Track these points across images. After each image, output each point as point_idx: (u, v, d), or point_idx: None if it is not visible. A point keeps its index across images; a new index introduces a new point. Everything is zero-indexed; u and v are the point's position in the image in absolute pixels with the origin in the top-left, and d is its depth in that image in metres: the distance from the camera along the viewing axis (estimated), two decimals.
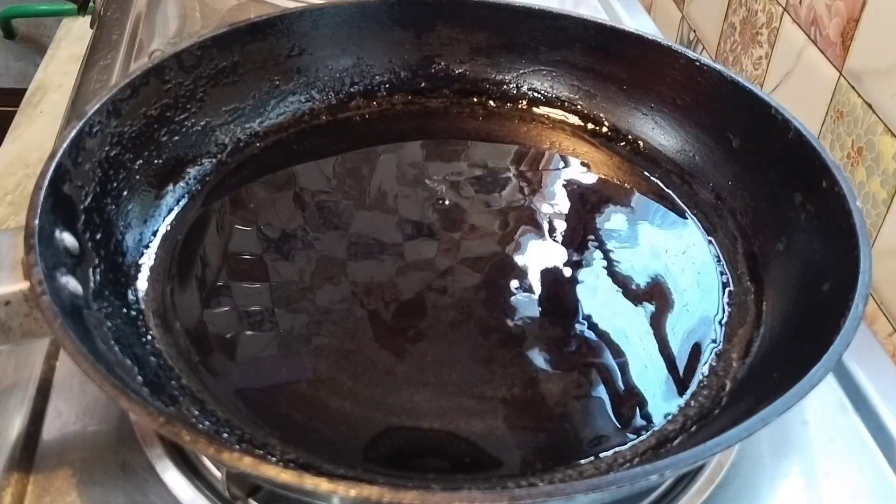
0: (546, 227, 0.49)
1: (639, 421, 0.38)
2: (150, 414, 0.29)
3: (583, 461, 0.36)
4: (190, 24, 0.74)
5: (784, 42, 0.66)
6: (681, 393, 0.40)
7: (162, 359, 0.39)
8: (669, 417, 0.39)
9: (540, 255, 0.47)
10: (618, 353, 0.42)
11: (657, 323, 0.43)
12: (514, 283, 0.45)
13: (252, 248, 0.46)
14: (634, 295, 0.45)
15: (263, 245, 0.46)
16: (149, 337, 0.40)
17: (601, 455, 0.37)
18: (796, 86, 0.65)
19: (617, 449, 0.37)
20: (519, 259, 0.47)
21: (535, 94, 0.58)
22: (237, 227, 0.47)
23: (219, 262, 0.45)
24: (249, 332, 0.41)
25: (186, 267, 0.44)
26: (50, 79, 0.89)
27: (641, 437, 0.38)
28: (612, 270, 0.46)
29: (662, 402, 0.39)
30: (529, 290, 0.45)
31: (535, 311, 0.43)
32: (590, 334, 0.42)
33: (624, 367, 0.41)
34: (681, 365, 0.41)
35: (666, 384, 0.40)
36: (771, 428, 0.32)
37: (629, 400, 0.39)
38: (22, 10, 1.33)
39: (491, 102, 0.58)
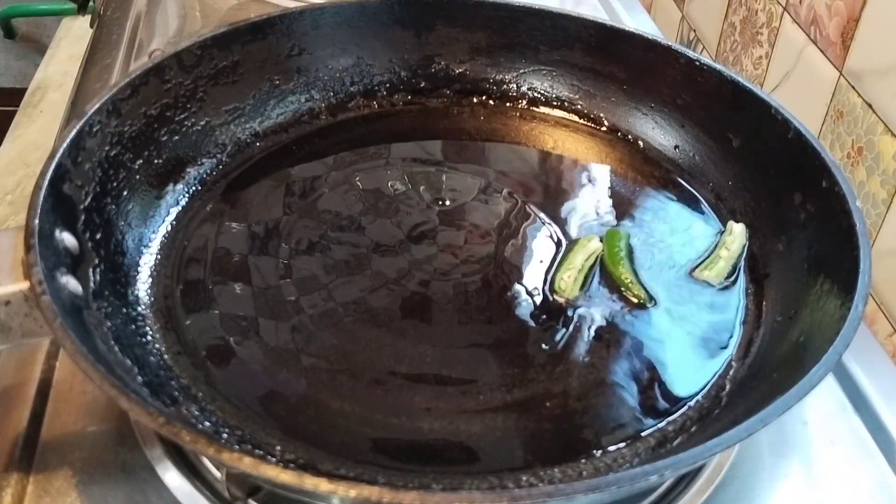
0: (548, 224, 0.49)
1: (642, 420, 0.38)
2: (150, 414, 0.29)
3: (583, 461, 0.36)
4: (190, 23, 0.74)
5: (784, 42, 0.66)
6: (680, 400, 0.40)
7: (162, 359, 0.39)
8: (670, 418, 0.39)
9: (542, 254, 0.47)
10: (622, 353, 0.42)
11: (664, 323, 0.43)
12: (516, 284, 0.45)
13: (251, 249, 0.46)
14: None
15: (262, 245, 0.46)
16: (149, 337, 0.40)
17: (601, 455, 0.37)
18: (796, 86, 0.65)
19: (617, 448, 0.37)
20: (520, 258, 0.47)
21: (535, 94, 0.58)
22: (237, 227, 0.47)
23: (219, 262, 0.45)
24: (249, 333, 0.41)
25: (186, 267, 0.44)
26: (50, 78, 0.89)
27: (643, 436, 0.38)
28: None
29: (665, 403, 0.39)
30: (531, 289, 0.45)
31: (537, 311, 0.43)
32: (592, 334, 0.42)
33: (626, 366, 0.41)
34: (685, 366, 0.41)
35: (671, 384, 0.40)
36: (771, 428, 0.32)
37: (633, 399, 0.39)
38: (22, 9, 1.34)
39: (491, 102, 0.58)
